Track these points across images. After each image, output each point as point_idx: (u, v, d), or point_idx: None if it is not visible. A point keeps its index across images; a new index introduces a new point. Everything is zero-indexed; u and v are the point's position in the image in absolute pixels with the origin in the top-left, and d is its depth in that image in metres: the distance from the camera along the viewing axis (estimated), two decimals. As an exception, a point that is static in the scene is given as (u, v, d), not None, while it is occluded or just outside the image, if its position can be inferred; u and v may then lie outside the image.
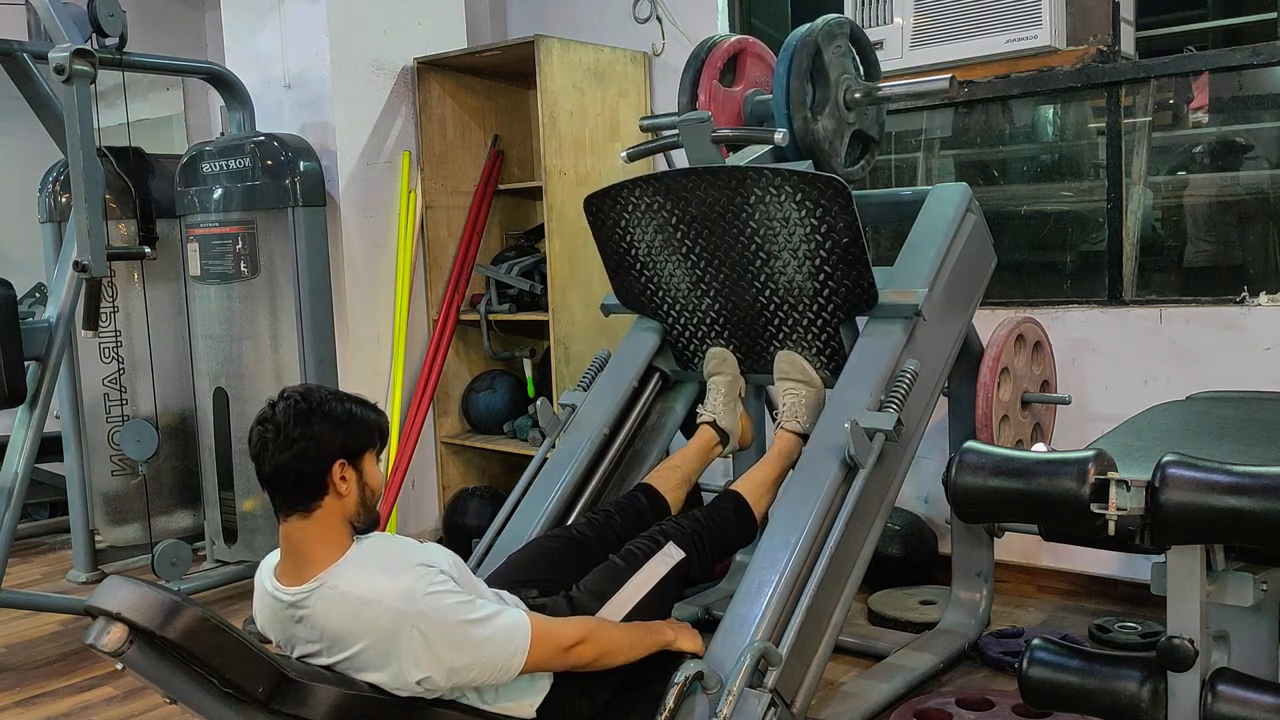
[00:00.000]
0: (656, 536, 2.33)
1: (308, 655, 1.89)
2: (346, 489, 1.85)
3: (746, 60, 2.92)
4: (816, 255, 2.52)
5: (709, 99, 2.81)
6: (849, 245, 2.47)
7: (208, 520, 4.21)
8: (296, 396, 1.85)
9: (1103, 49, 3.35)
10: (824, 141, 2.73)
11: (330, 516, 1.85)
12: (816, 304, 2.59)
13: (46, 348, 3.48)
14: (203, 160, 4.02)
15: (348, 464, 1.85)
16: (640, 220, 2.73)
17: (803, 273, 2.56)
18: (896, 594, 3.48)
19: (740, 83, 2.92)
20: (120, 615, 1.69)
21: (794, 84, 2.66)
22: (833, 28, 2.74)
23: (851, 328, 2.60)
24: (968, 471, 1.94)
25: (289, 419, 1.81)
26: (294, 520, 1.86)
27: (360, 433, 1.87)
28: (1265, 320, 3.17)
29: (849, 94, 2.80)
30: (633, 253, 2.80)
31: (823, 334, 2.62)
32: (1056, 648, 2.01)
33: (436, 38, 4.29)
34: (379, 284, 4.14)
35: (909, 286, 2.54)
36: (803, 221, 2.49)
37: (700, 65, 2.82)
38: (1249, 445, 2.16)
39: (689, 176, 2.61)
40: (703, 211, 2.61)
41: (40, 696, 3.12)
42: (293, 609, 1.87)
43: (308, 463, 1.82)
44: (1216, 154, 3.43)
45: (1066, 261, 3.61)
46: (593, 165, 4.09)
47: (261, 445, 1.83)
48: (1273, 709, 1.76)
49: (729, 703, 1.95)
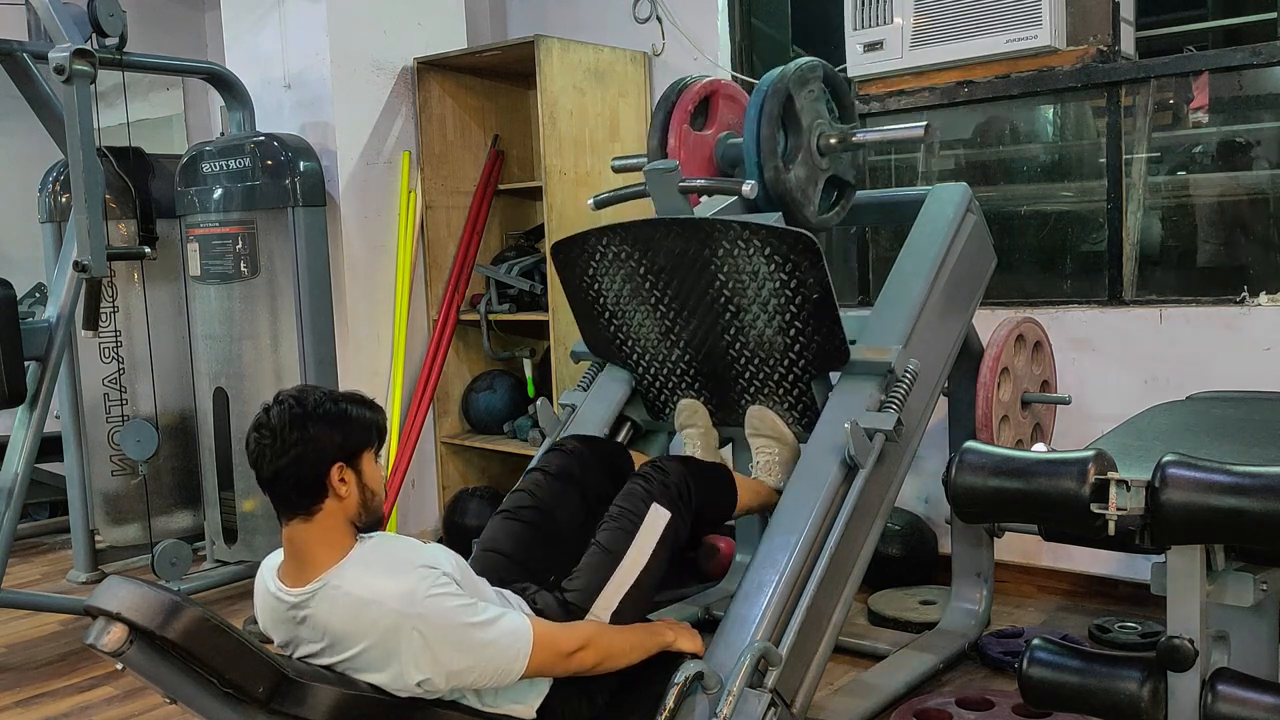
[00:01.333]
0: (637, 497, 2.24)
1: (310, 656, 1.89)
2: (346, 491, 1.85)
3: (719, 102, 2.83)
4: (787, 310, 2.44)
5: (679, 143, 2.72)
6: (819, 301, 2.39)
7: (208, 520, 4.21)
8: (291, 400, 1.84)
9: (1103, 49, 3.35)
10: (796, 191, 2.64)
11: (331, 518, 1.85)
12: (788, 359, 2.50)
13: (46, 348, 3.48)
14: (203, 160, 4.02)
15: (346, 466, 1.85)
16: (608, 269, 2.64)
17: (773, 327, 2.47)
18: (896, 594, 3.48)
19: (712, 125, 2.82)
20: (120, 615, 1.69)
21: (764, 132, 2.58)
22: (805, 72, 2.65)
23: (824, 383, 2.52)
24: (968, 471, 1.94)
25: (284, 424, 1.81)
26: (295, 523, 1.86)
27: (356, 434, 1.87)
28: (1265, 320, 3.17)
29: (823, 140, 2.70)
30: (601, 301, 2.71)
31: (794, 389, 2.54)
32: (1056, 648, 2.01)
33: (436, 38, 4.29)
34: (379, 284, 4.14)
35: (883, 343, 2.46)
36: (772, 276, 2.41)
37: (670, 108, 2.73)
38: (1249, 445, 2.16)
39: (656, 227, 2.53)
40: (671, 262, 2.52)
41: (40, 696, 3.12)
42: (295, 610, 1.88)
43: (305, 467, 1.82)
44: (1217, 154, 3.43)
45: (1067, 261, 3.61)
46: (592, 165, 4.09)
47: (259, 452, 1.82)
48: (1273, 709, 1.76)
49: (729, 703, 1.95)
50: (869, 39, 3.61)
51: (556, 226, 3.93)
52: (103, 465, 4.27)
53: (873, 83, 3.73)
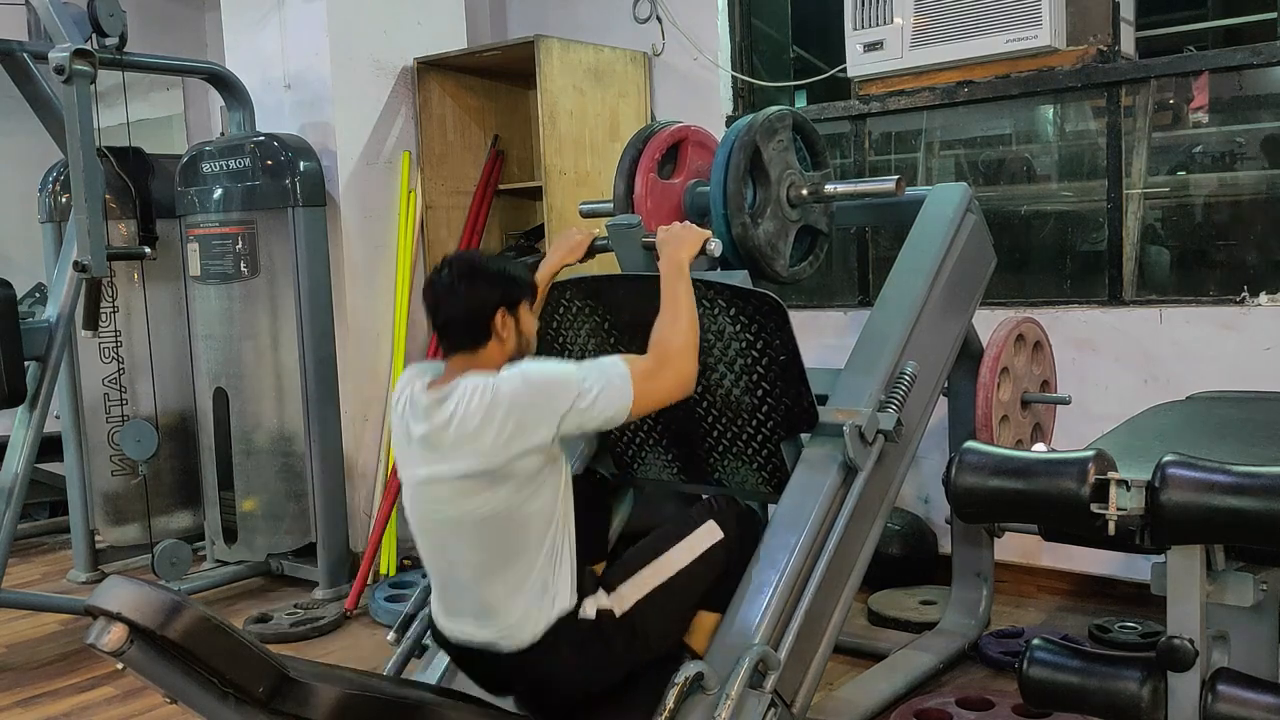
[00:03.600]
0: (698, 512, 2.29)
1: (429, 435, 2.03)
2: (507, 334, 2.09)
3: (687, 149, 2.73)
4: (754, 371, 2.37)
5: (646, 191, 2.64)
6: (786, 363, 2.32)
7: (208, 520, 4.21)
8: (462, 260, 2.14)
9: (1103, 49, 3.34)
10: (765, 246, 2.58)
11: (490, 358, 2.08)
12: (755, 419, 2.42)
13: (46, 348, 3.48)
14: (203, 160, 4.02)
15: (507, 312, 2.08)
16: (573, 322, 2.60)
17: (740, 387, 2.40)
18: (896, 594, 3.48)
19: (680, 173, 2.73)
20: (121, 615, 1.69)
21: (731, 188, 2.51)
22: (773, 122, 2.58)
23: (794, 445, 2.43)
24: (968, 471, 1.94)
25: (457, 277, 2.08)
26: (460, 356, 2.09)
27: (515, 287, 2.12)
28: (1265, 320, 3.17)
29: (793, 191, 2.63)
30: (567, 354, 2.65)
31: (763, 449, 2.46)
32: (1056, 648, 2.01)
33: (436, 38, 4.29)
34: (379, 284, 4.14)
35: (854, 403, 2.39)
36: (738, 336, 2.35)
37: (637, 155, 2.64)
38: (1249, 445, 2.16)
39: (619, 283, 2.49)
40: (635, 319, 2.42)
41: (41, 696, 3.12)
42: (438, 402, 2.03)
43: (475, 312, 2.07)
44: (1216, 154, 3.43)
45: (1067, 261, 3.61)
46: (592, 165, 4.09)
47: (435, 300, 2.11)
48: (1273, 709, 1.76)
49: (728, 706, 1.95)
50: (869, 39, 3.61)
51: (556, 226, 3.93)
52: (103, 465, 4.27)
53: (873, 83, 3.73)
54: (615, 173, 2.68)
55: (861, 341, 2.57)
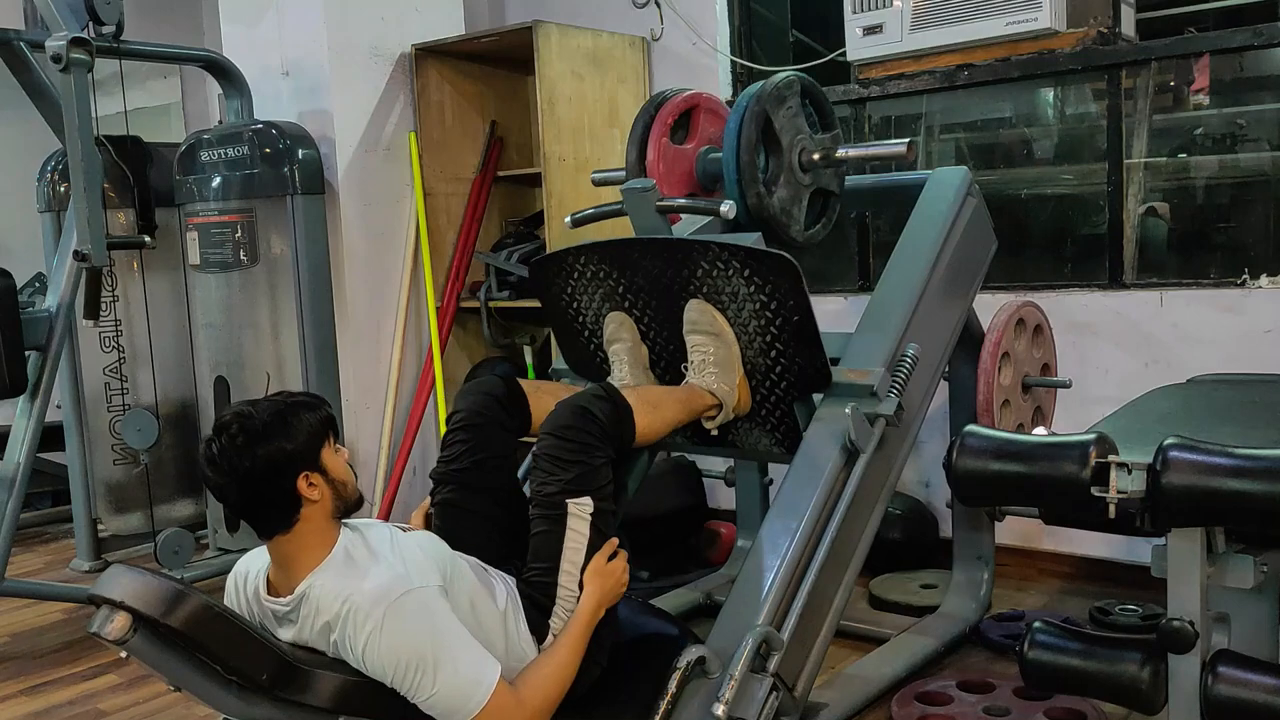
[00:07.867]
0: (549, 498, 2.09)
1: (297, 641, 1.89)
2: (318, 494, 1.84)
3: (699, 116, 2.76)
4: (767, 332, 2.39)
5: (659, 157, 2.66)
6: (800, 324, 2.34)
7: (210, 509, 4.22)
8: (232, 429, 1.79)
9: (1103, 31, 3.33)
10: (780, 214, 2.60)
11: (311, 522, 1.85)
12: (769, 381, 2.45)
13: (47, 337, 3.48)
14: (201, 148, 4.01)
15: (311, 472, 1.83)
16: (586, 288, 2.60)
17: (753, 349, 2.42)
18: (897, 578, 3.49)
19: (693, 139, 2.75)
20: (124, 603, 1.69)
21: (744, 159, 2.53)
22: (781, 90, 2.59)
23: (807, 405, 2.46)
24: (969, 455, 1.95)
25: (235, 454, 1.78)
26: (278, 539, 1.85)
27: (307, 439, 1.83)
28: (1266, 302, 3.16)
29: (805, 156, 2.65)
30: (580, 320, 2.67)
31: (776, 410, 2.49)
32: (1057, 630, 2.02)
33: (434, 24, 4.27)
34: (378, 272, 4.14)
35: (866, 364, 2.42)
36: (752, 297, 2.37)
37: (649, 121, 2.66)
38: (1250, 428, 2.17)
39: (634, 247, 2.49)
40: (649, 282, 2.48)
41: (44, 685, 3.13)
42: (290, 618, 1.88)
43: (273, 490, 1.80)
44: (1217, 136, 3.42)
45: (1067, 244, 3.61)
46: (591, 151, 4.08)
47: (220, 488, 1.81)
48: (1273, 690, 1.77)
49: (731, 687, 1.95)
50: (868, 22, 3.60)
51: (556, 212, 3.92)
52: (104, 454, 4.27)
53: (872, 66, 3.72)
54: (627, 140, 2.70)
55: (862, 326, 2.57)
